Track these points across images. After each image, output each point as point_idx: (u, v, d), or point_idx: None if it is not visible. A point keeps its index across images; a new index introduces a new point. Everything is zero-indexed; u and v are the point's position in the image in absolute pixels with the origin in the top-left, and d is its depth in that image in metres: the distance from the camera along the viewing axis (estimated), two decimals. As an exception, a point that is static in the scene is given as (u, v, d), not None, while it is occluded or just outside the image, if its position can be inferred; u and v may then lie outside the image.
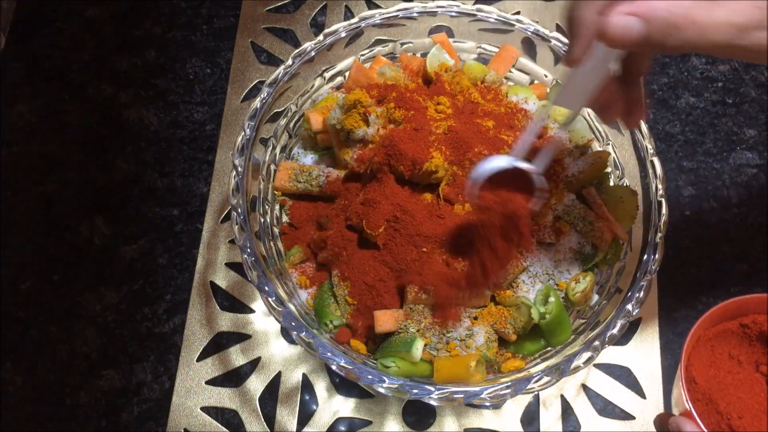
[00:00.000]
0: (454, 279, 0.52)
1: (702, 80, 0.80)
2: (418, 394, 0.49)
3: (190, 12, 0.84)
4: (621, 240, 0.59)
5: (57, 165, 0.76)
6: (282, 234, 0.62)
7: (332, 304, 0.57)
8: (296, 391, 0.65)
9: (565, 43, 0.64)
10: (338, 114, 0.59)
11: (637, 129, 0.57)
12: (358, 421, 0.64)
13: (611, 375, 0.66)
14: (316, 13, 0.84)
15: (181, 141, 0.77)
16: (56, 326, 0.68)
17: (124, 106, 0.79)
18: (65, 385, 0.66)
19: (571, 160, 0.61)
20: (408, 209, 0.54)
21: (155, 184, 0.75)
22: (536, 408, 0.64)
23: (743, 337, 0.48)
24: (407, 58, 0.67)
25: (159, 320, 0.69)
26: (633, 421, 0.64)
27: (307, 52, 0.62)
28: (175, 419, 0.64)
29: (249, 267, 0.53)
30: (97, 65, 0.81)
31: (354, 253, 0.56)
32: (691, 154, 0.76)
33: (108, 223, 0.73)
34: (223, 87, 0.80)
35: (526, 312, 0.54)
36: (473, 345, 0.54)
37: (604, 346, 0.51)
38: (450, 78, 0.63)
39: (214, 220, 0.73)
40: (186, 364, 0.66)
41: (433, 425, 0.64)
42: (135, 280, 0.70)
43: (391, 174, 0.55)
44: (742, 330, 0.49)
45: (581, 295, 0.56)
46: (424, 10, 0.65)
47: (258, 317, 0.68)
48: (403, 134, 0.55)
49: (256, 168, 0.60)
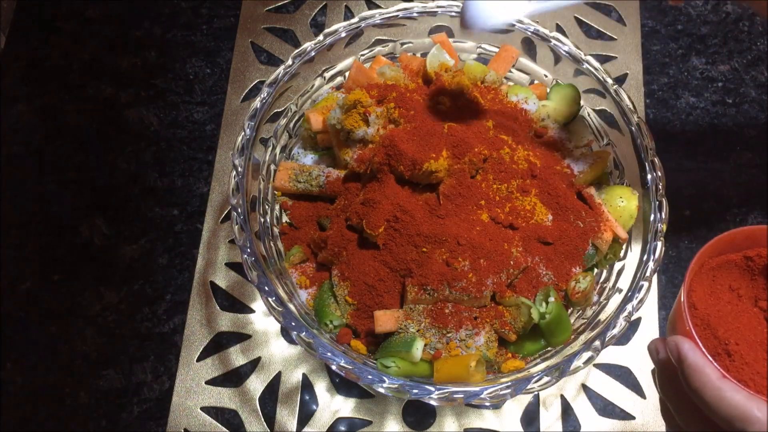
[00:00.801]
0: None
1: (702, 80, 0.80)
2: (418, 394, 0.49)
3: (190, 12, 0.84)
4: (621, 240, 0.59)
5: (57, 165, 0.76)
6: (282, 234, 0.62)
7: (332, 304, 0.57)
8: (296, 391, 0.65)
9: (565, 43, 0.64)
10: (338, 114, 0.59)
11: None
12: (358, 421, 0.64)
13: (611, 375, 0.66)
14: (316, 13, 0.84)
15: (181, 141, 0.77)
16: (56, 326, 0.68)
17: (124, 106, 0.79)
18: (65, 385, 0.66)
19: (571, 160, 0.61)
20: (408, 209, 0.54)
21: (155, 184, 0.75)
22: (536, 408, 0.65)
23: (746, 270, 0.48)
24: (407, 58, 0.67)
25: (159, 320, 0.69)
26: (633, 421, 0.64)
27: (307, 52, 0.62)
28: (175, 419, 0.64)
29: (249, 267, 0.53)
30: (97, 65, 0.81)
31: (354, 253, 0.56)
32: (691, 154, 0.76)
33: (108, 223, 0.73)
34: (223, 87, 0.80)
35: (526, 312, 0.54)
36: (473, 345, 0.54)
37: (604, 346, 0.51)
38: (450, 78, 0.63)
39: (214, 220, 0.73)
40: (186, 364, 0.66)
41: (433, 425, 0.64)
42: (135, 280, 0.70)
43: (391, 174, 0.55)
44: (746, 262, 0.48)
45: (581, 295, 0.56)
46: (424, 10, 0.65)
47: (258, 317, 0.68)
48: (403, 134, 0.55)
49: (256, 168, 0.60)
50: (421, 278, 0.53)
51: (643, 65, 0.81)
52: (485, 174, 0.57)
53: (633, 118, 0.60)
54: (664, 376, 0.42)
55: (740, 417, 0.35)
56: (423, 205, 0.55)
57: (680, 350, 0.39)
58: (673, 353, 0.39)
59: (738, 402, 0.36)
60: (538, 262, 0.56)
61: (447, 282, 0.53)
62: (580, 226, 0.58)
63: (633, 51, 0.82)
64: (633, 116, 0.60)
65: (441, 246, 0.53)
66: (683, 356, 0.38)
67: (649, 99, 0.79)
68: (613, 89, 0.62)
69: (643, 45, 0.82)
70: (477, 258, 0.53)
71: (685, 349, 0.38)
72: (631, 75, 0.80)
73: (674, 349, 0.39)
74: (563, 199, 0.58)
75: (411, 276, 0.54)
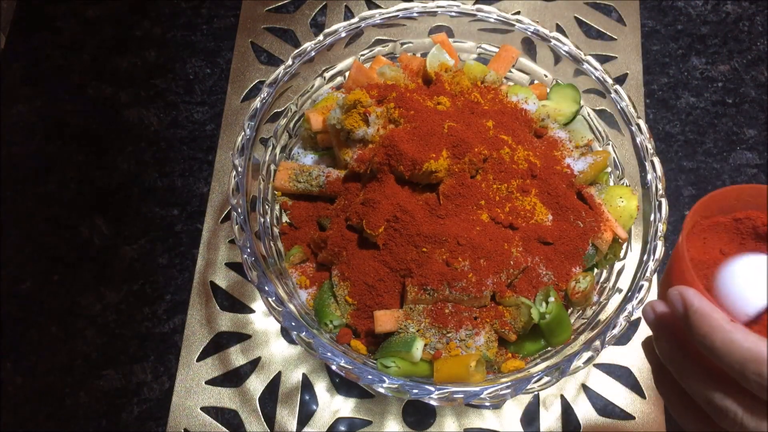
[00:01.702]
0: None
1: (702, 80, 0.80)
2: (418, 394, 0.49)
3: (190, 12, 0.84)
4: (621, 240, 0.59)
5: (57, 165, 0.76)
6: (282, 234, 0.62)
7: (332, 304, 0.57)
8: (296, 391, 0.65)
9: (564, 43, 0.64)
10: (338, 114, 0.59)
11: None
12: (358, 421, 0.64)
13: (611, 375, 0.66)
14: (316, 13, 0.84)
15: (181, 141, 0.77)
16: (56, 326, 0.68)
17: (124, 106, 0.79)
18: (65, 385, 0.66)
19: (571, 160, 0.61)
20: (408, 209, 0.54)
21: (155, 184, 0.75)
22: (536, 408, 0.64)
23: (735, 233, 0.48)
24: (407, 58, 0.67)
25: (159, 320, 0.69)
26: (633, 421, 0.64)
27: (307, 52, 0.62)
28: (175, 419, 0.64)
29: (249, 267, 0.53)
30: (97, 65, 0.81)
31: (354, 253, 0.56)
32: (691, 154, 0.76)
33: (108, 223, 0.73)
34: (223, 87, 0.80)
35: (526, 312, 0.54)
36: (473, 345, 0.54)
37: (604, 346, 0.51)
38: (450, 78, 0.63)
39: (214, 220, 0.73)
40: (186, 364, 0.66)
41: (433, 425, 0.64)
42: (135, 280, 0.70)
43: (391, 174, 0.55)
44: (735, 225, 0.48)
45: (581, 295, 0.56)
46: (424, 10, 0.65)
47: (258, 317, 0.68)
48: (403, 134, 0.55)
49: (256, 168, 0.60)
50: (421, 278, 0.53)
51: (643, 65, 0.81)
52: (485, 174, 0.57)
53: (633, 118, 0.60)
54: (662, 335, 0.40)
55: (754, 358, 0.33)
56: (423, 205, 0.55)
57: (685, 297, 0.36)
58: (677, 302, 0.37)
59: (751, 343, 0.33)
60: (538, 262, 0.56)
61: (447, 282, 0.53)
62: (580, 226, 0.58)
63: (633, 51, 0.82)
64: (633, 116, 0.60)
65: (441, 246, 0.53)
66: (689, 303, 0.36)
67: (649, 99, 0.79)
68: (613, 89, 0.62)
69: (643, 45, 0.82)
70: (477, 258, 0.53)
71: (690, 296, 0.36)
72: (631, 75, 0.80)
73: (677, 298, 0.37)
74: (563, 199, 0.58)
75: (411, 276, 0.54)
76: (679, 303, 0.37)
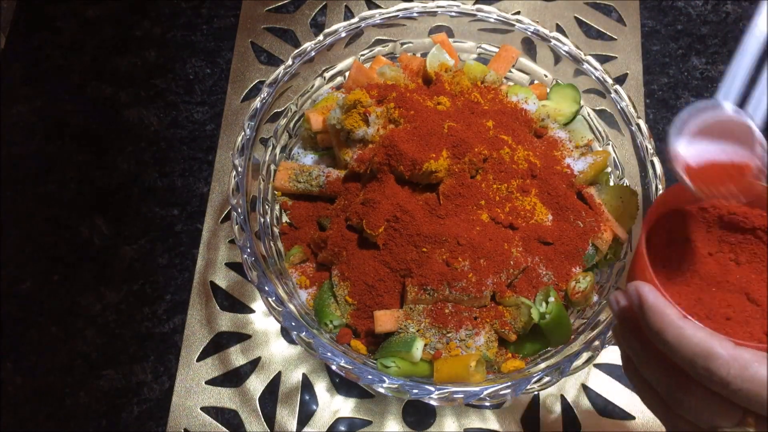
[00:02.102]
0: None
1: (702, 80, 0.80)
2: (418, 394, 0.49)
3: (190, 12, 0.84)
4: (621, 240, 0.59)
5: (57, 165, 0.76)
6: (282, 234, 0.62)
7: (332, 304, 0.57)
8: (296, 391, 0.65)
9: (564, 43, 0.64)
10: (338, 114, 0.59)
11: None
12: (358, 421, 0.64)
13: (611, 375, 0.66)
14: (316, 13, 0.84)
15: (181, 141, 0.77)
16: (56, 326, 0.68)
17: (124, 106, 0.79)
18: (65, 385, 0.66)
19: (571, 160, 0.61)
20: (408, 209, 0.54)
21: (155, 184, 0.75)
22: (536, 408, 0.64)
23: (702, 222, 0.48)
24: (407, 58, 0.67)
25: (159, 320, 0.69)
26: (633, 421, 0.64)
27: (307, 52, 0.62)
28: (175, 419, 0.64)
29: (249, 267, 0.53)
30: (97, 65, 0.81)
31: (354, 253, 0.56)
32: (691, 154, 0.76)
33: (108, 223, 0.73)
34: (223, 87, 0.80)
35: (526, 312, 0.54)
36: (473, 345, 0.54)
37: (604, 346, 0.51)
38: (450, 78, 0.63)
39: (214, 220, 0.73)
40: (186, 364, 0.66)
41: (433, 425, 0.64)
42: (135, 280, 0.70)
43: (391, 174, 0.55)
44: (701, 214, 0.48)
45: (581, 295, 0.56)
46: (424, 10, 0.65)
47: (258, 317, 0.68)
48: (403, 134, 0.55)
49: (256, 168, 0.60)
50: (421, 278, 0.53)
51: (643, 65, 0.81)
52: (485, 174, 0.57)
53: (633, 118, 0.60)
54: (625, 326, 0.41)
55: (703, 354, 0.34)
56: (423, 205, 0.55)
57: (640, 293, 0.37)
58: (634, 298, 0.38)
59: (700, 339, 0.34)
60: (538, 262, 0.56)
61: (447, 282, 0.53)
62: (580, 226, 0.58)
63: (633, 51, 0.82)
64: (633, 116, 0.60)
65: (441, 246, 0.53)
66: (644, 299, 0.37)
67: (649, 99, 0.79)
68: (613, 89, 0.62)
69: (643, 45, 0.82)
70: (477, 258, 0.53)
71: (644, 292, 0.37)
72: (631, 75, 0.80)
73: (634, 293, 0.38)
74: (563, 199, 0.58)
75: (411, 276, 0.54)
76: (635, 298, 0.38)
